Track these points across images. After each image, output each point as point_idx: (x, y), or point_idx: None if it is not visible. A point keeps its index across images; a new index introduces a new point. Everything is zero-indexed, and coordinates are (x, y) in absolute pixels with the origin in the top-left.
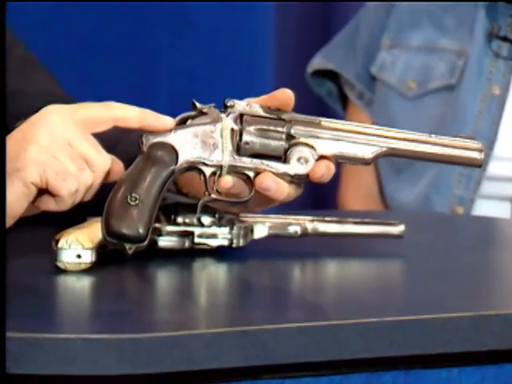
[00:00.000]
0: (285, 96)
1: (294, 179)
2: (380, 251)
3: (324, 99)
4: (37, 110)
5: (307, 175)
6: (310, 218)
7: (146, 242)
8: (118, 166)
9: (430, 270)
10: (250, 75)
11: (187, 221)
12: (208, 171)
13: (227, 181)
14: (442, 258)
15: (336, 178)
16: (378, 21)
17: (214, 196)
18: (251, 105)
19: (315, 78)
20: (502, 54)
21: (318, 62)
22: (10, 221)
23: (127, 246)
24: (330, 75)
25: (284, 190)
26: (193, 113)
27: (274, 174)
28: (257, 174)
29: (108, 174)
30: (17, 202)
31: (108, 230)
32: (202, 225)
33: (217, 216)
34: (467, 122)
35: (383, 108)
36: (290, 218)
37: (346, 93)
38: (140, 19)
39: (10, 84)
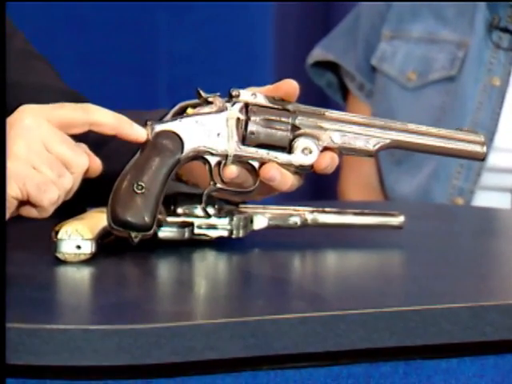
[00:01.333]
0: (289, 87)
1: (299, 170)
2: (380, 242)
3: (324, 90)
4: (35, 103)
5: (311, 166)
6: (309, 208)
7: (151, 231)
8: (95, 162)
9: (430, 260)
10: (251, 62)
11: (187, 211)
12: (213, 160)
13: (232, 170)
14: (442, 248)
15: (336, 169)
16: (378, 11)
17: (219, 185)
18: (256, 95)
19: (315, 69)
20: (502, 45)
21: (318, 53)
22: None
23: (133, 234)
24: (331, 66)
25: (288, 181)
26: (193, 101)
27: (278, 164)
28: (261, 164)
29: (86, 171)
30: None
31: (114, 217)
32: (207, 215)
33: (216, 207)
34: (467, 113)
35: (383, 99)
36: (290, 209)
37: (346, 84)
38: (139, 5)
39: (10, 75)
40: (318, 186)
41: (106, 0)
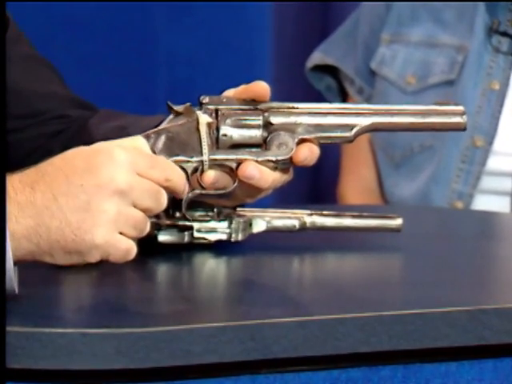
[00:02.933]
0: (260, 88)
1: (278, 165)
2: (378, 245)
3: (323, 94)
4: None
5: (291, 159)
6: (308, 211)
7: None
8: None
9: (429, 263)
10: (249, 62)
11: (186, 215)
12: (190, 168)
13: (210, 175)
14: (441, 252)
15: (335, 172)
16: (378, 15)
17: (197, 191)
18: (226, 98)
19: (315, 72)
20: (501, 49)
21: (317, 57)
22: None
23: None
24: (330, 70)
25: (268, 178)
26: (171, 116)
27: (256, 162)
28: (239, 164)
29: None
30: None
31: None
32: (188, 220)
33: (215, 211)
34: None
35: (383, 103)
36: (289, 212)
37: (345, 88)
38: (139, 5)
39: (14, 82)
40: (317, 190)
41: (105, 0)
